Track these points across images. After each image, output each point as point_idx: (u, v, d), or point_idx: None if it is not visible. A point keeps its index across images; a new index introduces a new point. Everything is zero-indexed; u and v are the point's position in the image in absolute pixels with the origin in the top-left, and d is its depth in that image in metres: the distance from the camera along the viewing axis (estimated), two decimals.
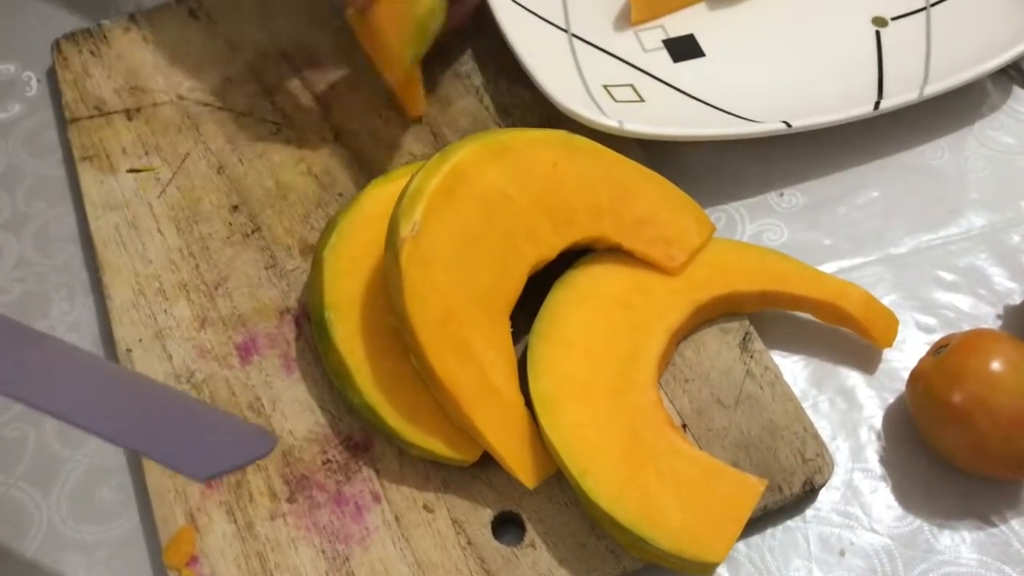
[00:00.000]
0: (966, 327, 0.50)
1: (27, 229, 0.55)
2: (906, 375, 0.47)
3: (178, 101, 0.58)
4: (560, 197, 0.47)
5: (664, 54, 0.59)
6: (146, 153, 0.56)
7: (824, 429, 0.48)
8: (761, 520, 0.45)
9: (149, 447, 0.37)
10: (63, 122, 0.58)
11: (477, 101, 0.58)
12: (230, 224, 0.53)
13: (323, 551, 0.44)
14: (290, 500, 0.45)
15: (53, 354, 0.41)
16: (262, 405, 0.47)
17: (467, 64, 0.59)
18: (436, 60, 0.57)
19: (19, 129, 0.59)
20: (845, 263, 0.53)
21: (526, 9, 0.59)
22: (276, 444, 0.40)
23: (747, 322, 0.49)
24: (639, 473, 0.43)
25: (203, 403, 0.47)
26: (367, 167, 0.55)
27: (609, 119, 0.52)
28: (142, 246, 0.53)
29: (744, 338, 0.49)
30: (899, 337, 0.49)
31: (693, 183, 0.51)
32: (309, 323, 0.49)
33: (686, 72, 0.58)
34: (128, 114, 0.57)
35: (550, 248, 0.47)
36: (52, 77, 0.61)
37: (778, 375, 0.48)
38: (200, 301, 0.51)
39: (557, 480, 0.45)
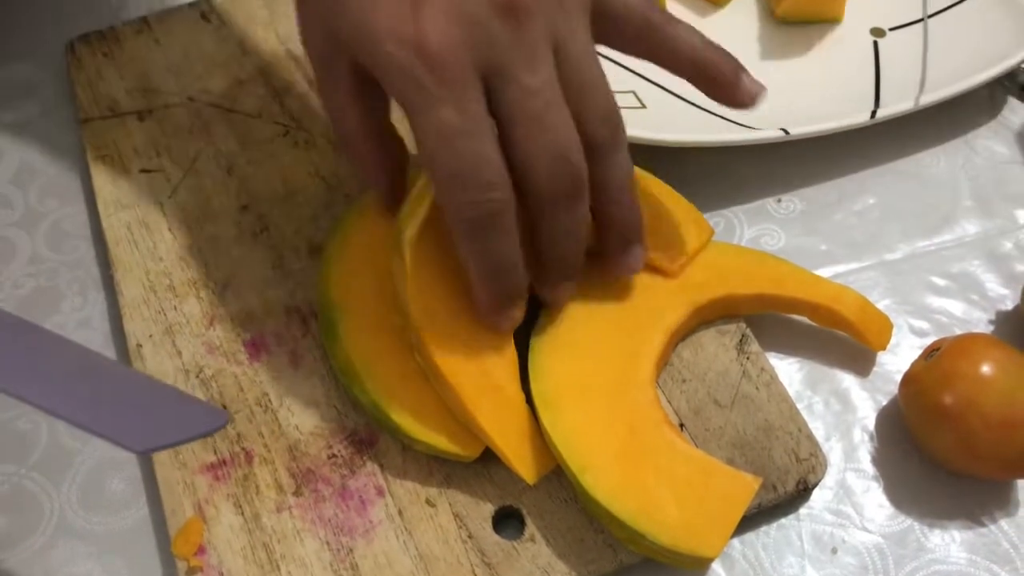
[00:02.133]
0: (959, 332, 0.51)
1: (40, 226, 0.56)
2: (899, 378, 0.48)
3: (189, 103, 0.59)
4: None
5: None
6: (157, 154, 0.57)
7: (818, 430, 0.49)
8: (755, 518, 0.46)
9: (85, 418, 0.36)
10: (76, 123, 0.59)
11: None
12: (239, 224, 0.54)
13: (328, 543, 0.45)
14: (296, 493, 0.46)
15: None
16: (269, 401, 0.48)
17: None
18: None
19: (33, 129, 0.60)
20: (841, 268, 0.54)
21: None
22: (227, 421, 0.39)
23: (744, 324, 0.50)
24: (637, 470, 0.44)
25: (151, 378, 0.46)
26: None
27: None
28: (153, 244, 0.53)
29: (741, 340, 0.50)
30: (893, 341, 0.50)
31: (693, 188, 0.52)
32: (316, 321, 0.50)
33: None
34: (140, 115, 0.58)
35: None
36: (66, 78, 0.62)
37: (774, 376, 0.49)
38: (209, 299, 0.52)
39: (556, 476, 0.45)
